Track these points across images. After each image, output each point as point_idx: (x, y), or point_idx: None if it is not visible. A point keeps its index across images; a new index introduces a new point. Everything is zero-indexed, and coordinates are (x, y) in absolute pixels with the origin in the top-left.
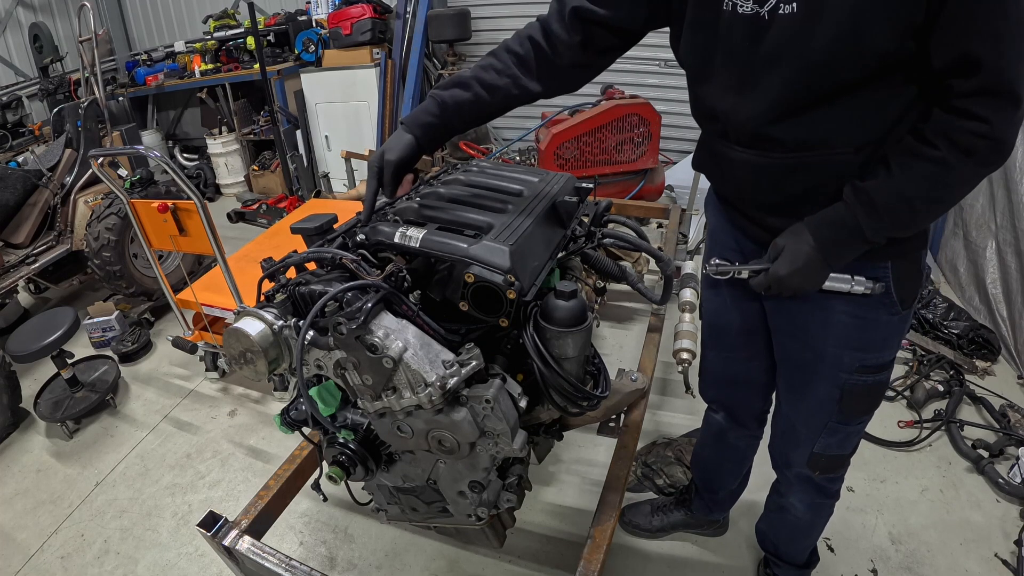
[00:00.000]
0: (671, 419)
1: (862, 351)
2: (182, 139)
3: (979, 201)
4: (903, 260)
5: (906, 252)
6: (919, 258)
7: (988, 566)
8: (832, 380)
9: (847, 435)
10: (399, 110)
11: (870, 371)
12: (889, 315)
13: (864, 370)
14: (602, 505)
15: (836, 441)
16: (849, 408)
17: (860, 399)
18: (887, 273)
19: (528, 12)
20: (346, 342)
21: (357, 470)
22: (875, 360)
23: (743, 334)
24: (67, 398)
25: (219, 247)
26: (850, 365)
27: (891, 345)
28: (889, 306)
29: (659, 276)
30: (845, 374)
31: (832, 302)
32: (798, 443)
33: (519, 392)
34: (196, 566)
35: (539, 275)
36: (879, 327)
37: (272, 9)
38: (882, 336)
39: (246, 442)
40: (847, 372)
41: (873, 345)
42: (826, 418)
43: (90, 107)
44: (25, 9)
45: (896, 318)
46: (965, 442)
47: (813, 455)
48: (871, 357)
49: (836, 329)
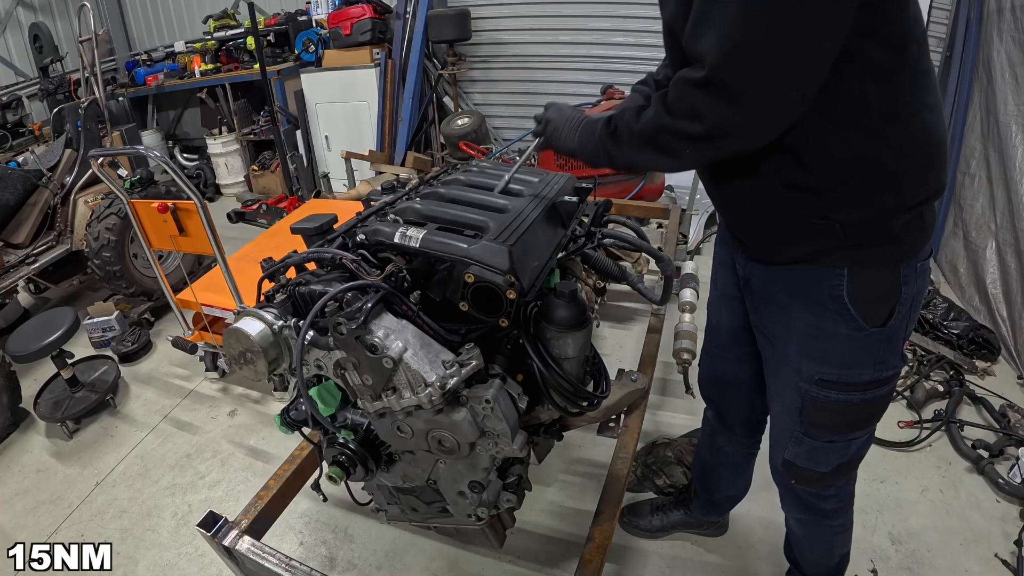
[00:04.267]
0: (671, 419)
1: (820, 363)
2: (182, 139)
3: (979, 201)
4: (865, 269)
5: (867, 260)
6: (892, 272)
7: (988, 566)
8: (793, 387)
9: (814, 449)
10: (399, 110)
11: (832, 387)
12: (850, 330)
13: (824, 384)
14: (602, 505)
15: (804, 452)
16: (809, 420)
17: (821, 414)
18: (842, 280)
19: (528, 12)
20: (346, 342)
21: (357, 470)
22: (836, 376)
23: (732, 333)
24: (67, 398)
25: (219, 247)
26: (808, 375)
27: (859, 364)
28: (847, 320)
29: (659, 276)
30: (804, 384)
31: (794, 305)
32: (775, 444)
33: (519, 392)
34: (196, 566)
35: (539, 275)
36: (838, 341)
37: (272, 9)
38: (843, 351)
39: (246, 442)
40: (806, 382)
41: (832, 359)
42: (792, 425)
43: (90, 107)
44: (25, 9)
45: (861, 335)
46: (965, 442)
47: (785, 461)
48: (831, 372)
49: (795, 335)
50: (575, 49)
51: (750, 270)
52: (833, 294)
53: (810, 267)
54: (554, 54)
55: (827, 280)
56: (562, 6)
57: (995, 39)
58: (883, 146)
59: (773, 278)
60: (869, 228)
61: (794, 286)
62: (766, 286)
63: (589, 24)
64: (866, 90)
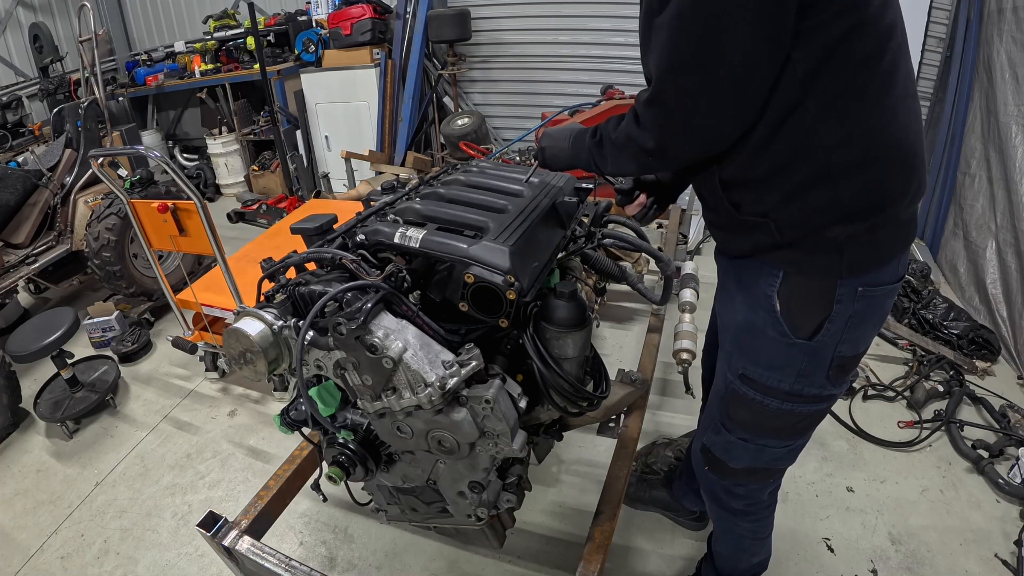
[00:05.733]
0: (671, 419)
1: (747, 359)
2: (182, 139)
3: (979, 201)
4: (800, 275)
5: (803, 266)
6: (827, 285)
7: (988, 566)
8: (722, 375)
9: (729, 442)
10: (399, 110)
11: (752, 385)
12: (776, 334)
13: (746, 380)
14: (602, 505)
15: (720, 442)
16: (727, 411)
17: (738, 408)
18: (775, 282)
19: (528, 12)
20: (346, 342)
21: (357, 470)
22: (758, 375)
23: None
24: (67, 398)
25: (219, 247)
26: (736, 367)
27: (780, 370)
28: (774, 323)
29: (659, 276)
30: (731, 374)
31: (737, 297)
32: (701, 428)
33: (519, 392)
34: (196, 566)
35: (539, 275)
36: (765, 342)
37: (272, 9)
38: (768, 354)
39: (246, 442)
40: (732, 373)
41: (758, 358)
42: (716, 412)
43: (90, 107)
44: (25, 9)
45: (785, 342)
46: (965, 442)
47: (703, 445)
48: (753, 370)
49: (733, 327)
50: (575, 49)
51: (718, 260)
52: (766, 293)
53: (755, 262)
54: (554, 54)
55: (763, 279)
56: (562, 6)
57: (995, 39)
58: (816, 142)
59: (728, 269)
60: (804, 229)
61: (741, 279)
62: (723, 276)
63: (589, 24)
64: (803, 83)
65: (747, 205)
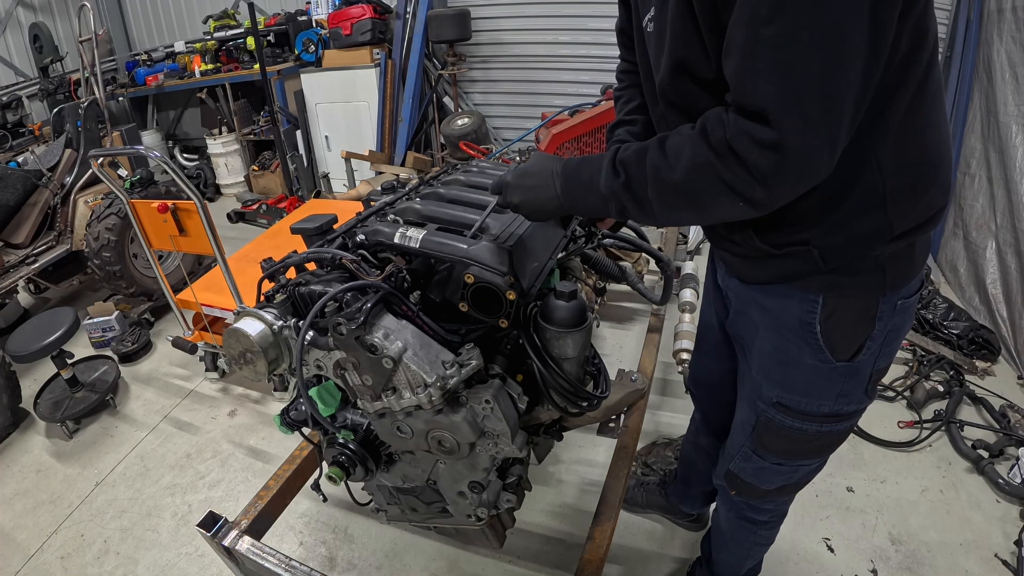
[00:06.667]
0: (671, 419)
1: (781, 387)
2: (182, 139)
3: (979, 201)
4: (842, 299)
5: (846, 289)
6: (869, 304)
7: (988, 566)
8: (751, 403)
9: (761, 468)
10: (399, 110)
11: (788, 412)
12: (816, 360)
13: (782, 408)
14: (602, 505)
15: (750, 468)
16: (760, 440)
17: (772, 437)
18: (815, 308)
19: (528, 12)
20: (346, 342)
21: (357, 470)
22: (795, 404)
23: (712, 332)
24: (67, 398)
25: (219, 247)
26: (767, 396)
27: (819, 395)
28: (815, 350)
29: (659, 276)
30: (762, 403)
31: (762, 324)
32: (725, 453)
33: (519, 392)
34: (196, 566)
35: (539, 276)
36: (801, 369)
37: (272, 9)
38: (805, 380)
39: (246, 442)
40: (764, 402)
41: (794, 386)
42: (743, 439)
43: (90, 107)
44: (25, 9)
45: (826, 367)
46: (965, 442)
47: (729, 471)
48: (791, 399)
49: (759, 354)
50: (575, 49)
51: (727, 283)
52: (804, 320)
53: (784, 288)
54: (554, 54)
55: (800, 305)
56: (562, 6)
57: (995, 39)
58: (872, 165)
59: (747, 295)
60: (850, 254)
61: (766, 305)
62: (740, 301)
63: (589, 24)
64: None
65: (782, 236)
